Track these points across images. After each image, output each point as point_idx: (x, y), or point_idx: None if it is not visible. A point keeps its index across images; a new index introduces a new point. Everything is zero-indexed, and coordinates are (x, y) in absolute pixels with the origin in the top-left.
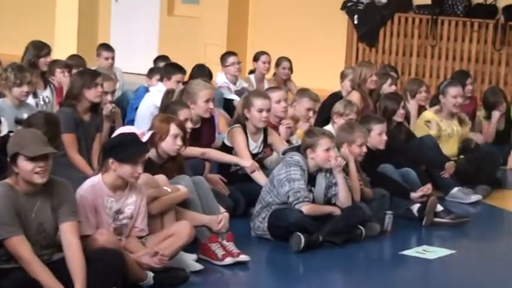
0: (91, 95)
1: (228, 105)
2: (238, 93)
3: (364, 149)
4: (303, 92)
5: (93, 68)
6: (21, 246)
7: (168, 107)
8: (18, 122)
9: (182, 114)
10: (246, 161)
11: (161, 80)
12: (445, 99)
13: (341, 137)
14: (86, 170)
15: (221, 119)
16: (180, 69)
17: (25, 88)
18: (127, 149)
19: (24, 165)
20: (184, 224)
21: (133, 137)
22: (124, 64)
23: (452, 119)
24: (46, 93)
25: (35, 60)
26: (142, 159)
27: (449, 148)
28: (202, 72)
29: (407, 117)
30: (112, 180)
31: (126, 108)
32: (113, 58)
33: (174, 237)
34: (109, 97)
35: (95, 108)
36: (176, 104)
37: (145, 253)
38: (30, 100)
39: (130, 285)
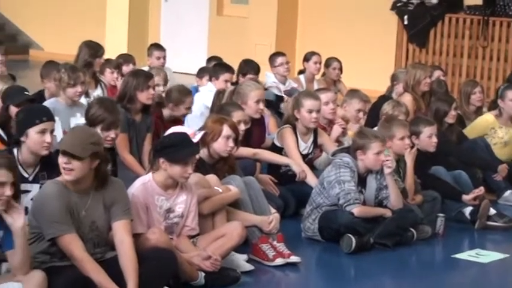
0: (143, 97)
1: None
2: (288, 93)
3: (407, 142)
4: (353, 93)
5: (143, 68)
6: (73, 244)
7: (222, 108)
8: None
9: (236, 115)
10: (297, 166)
11: (210, 79)
12: (503, 103)
13: (382, 134)
14: (138, 169)
15: (271, 119)
16: (228, 68)
17: (79, 88)
18: (178, 149)
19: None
20: (235, 225)
21: (184, 137)
22: (173, 64)
23: None
24: (97, 93)
25: (91, 60)
26: (193, 160)
27: (503, 155)
28: (249, 66)
29: (461, 119)
30: (162, 179)
31: None
32: (164, 58)
33: (226, 238)
34: (161, 88)
35: (146, 109)
36: (230, 105)
37: (197, 254)
38: (82, 100)
39: (182, 284)
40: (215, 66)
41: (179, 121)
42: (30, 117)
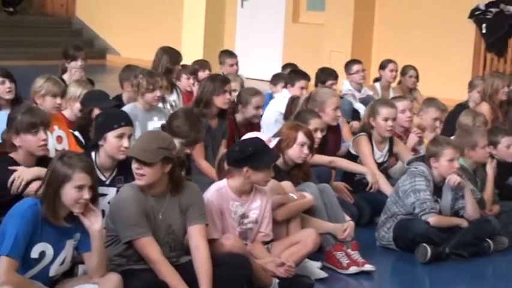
0: (219, 101)
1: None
2: (363, 101)
3: (488, 150)
4: (430, 101)
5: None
6: (149, 247)
7: (300, 115)
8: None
9: (313, 123)
10: (371, 176)
11: (285, 86)
12: None
13: (463, 144)
14: (213, 175)
15: (345, 126)
16: (304, 75)
17: (157, 93)
18: (261, 157)
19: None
20: (310, 232)
21: (263, 144)
22: (248, 70)
23: None
24: (173, 98)
25: (172, 67)
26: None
27: None
28: (327, 73)
29: None
30: (239, 185)
31: None
32: (237, 64)
33: (300, 245)
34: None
35: (222, 114)
36: (308, 112)
37: (271, 260)
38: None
39: None
40: (291, 73)
41: (253, 125)
42: (109, 122)
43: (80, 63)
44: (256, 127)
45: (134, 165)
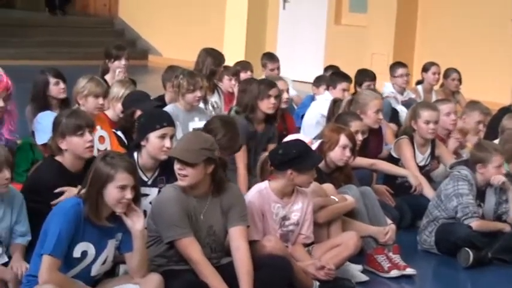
0: (264, 106)
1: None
2: (406, 103)
3: None
4: (474, 104)
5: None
6: (191, 247)
7: (341, 117)
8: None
9: (354, 125)
10: (414, 179)
11: (327, 88)
12: None
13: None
14: (242, 186)
15: (388, 129)
16: (346, 77)
17: (198, 93)
18: (305, 159)
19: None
20: (351, 235)
21: (306, 146)
22: (289, 72)
23: None
24: (214, 99)
25: (216, 68)
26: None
27: None
28: (364, 74)
29: None
30: (281, 187)
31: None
32: (278, 68)
33: (341, 248)
34: (285, 95)
35: (269, 119)
36: (349, 114)
37: (311, 263)
38: (200, 104)
39: None
40: (332, 75)
41: (284, 114)
42: (151, 122)
43: (124, 63)
44: (287, 115)
45: (177, 166)
